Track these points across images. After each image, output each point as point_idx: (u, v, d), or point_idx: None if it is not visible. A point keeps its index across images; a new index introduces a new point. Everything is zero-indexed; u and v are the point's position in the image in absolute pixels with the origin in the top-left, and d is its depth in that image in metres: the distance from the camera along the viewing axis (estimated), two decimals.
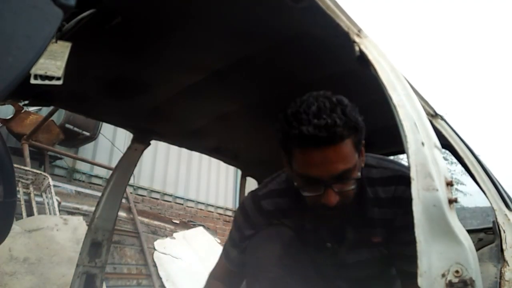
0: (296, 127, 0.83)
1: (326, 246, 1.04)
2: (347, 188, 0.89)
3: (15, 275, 2.83)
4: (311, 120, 0.82)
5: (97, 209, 1.80)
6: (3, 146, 1.18)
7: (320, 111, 0.83)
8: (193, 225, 6.44)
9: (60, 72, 0.67)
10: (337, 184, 0.87)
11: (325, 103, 0.84)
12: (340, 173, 0.86)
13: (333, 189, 0.87)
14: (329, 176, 0.86)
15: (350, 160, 0.86)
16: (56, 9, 0.46)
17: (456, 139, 1.37)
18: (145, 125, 1.81)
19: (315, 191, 0.89)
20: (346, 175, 0.87)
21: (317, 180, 0.87)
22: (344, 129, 0.83)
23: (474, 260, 0.69)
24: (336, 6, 0.92)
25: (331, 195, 0.87)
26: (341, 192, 0.88)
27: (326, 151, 0.83)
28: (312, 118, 0.82)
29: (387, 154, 1.92)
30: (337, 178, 0.86)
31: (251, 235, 1.08)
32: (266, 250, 1.01)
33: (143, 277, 4.71)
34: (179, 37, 1.18)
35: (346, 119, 0.83)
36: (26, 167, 4.05)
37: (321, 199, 0.88)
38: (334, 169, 0.85)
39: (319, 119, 0.81)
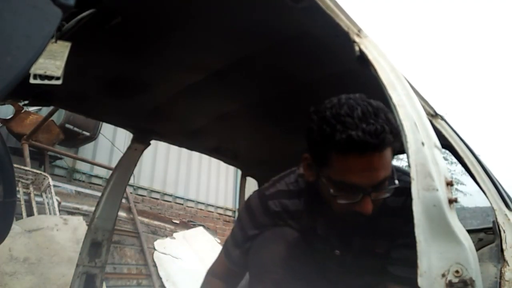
0: (342, 131, 0.78)
1: (335, 253, 1.01)
2: (383, 196, 0.86)
3: (15, 275, 2.83)
4: (359, 125, 0.77)
5: (97, 209, 1.80)
6: (3, 146, 1.18)
7: (366, 116, 0.78)
8: (193, 225, 6.44)
9: (60, 72, 0.67)
10: (375, 192, 0.84)
11: (367, 107, 0.80)
12: (381, 181, 0.83)
13: (371, 197, 0.83)
14: (371, 184, 0.82)
15: (389, 167, 0.84)
16: (55, 9, 0.46)
17: (456, 139, 1.37)
18: (145, 125, 1.81)
19: (351, 198, 0.84)
20: (385, 183, 0.84)
21: (356, 188, 0.83)
22: (390, 135, 0.79)
23: (474, 260, 0.69)
24: (336, 6, 0.91)
25: (368, 204, 0.83)
26: (375, 200, 0.85)
27: (372, 158, 0.79)
28: (359, 123, 0.77)
29: None
30: (376, 186, 0.83)
31: (254, 236, 1.05)
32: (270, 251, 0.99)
33: (143, 277, 4.71)
34: (179, 37, 1.18)
35: (391, 125, 0.80)
36: (26, 167, 4.06)
37: (356, 207, 0.84)
38: (377, 177, 0.82)
39: (367, 124, 0.77)
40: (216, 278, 1.19)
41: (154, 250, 5.04)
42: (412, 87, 0.91)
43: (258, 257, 1.02)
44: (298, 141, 2.11)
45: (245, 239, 1.08)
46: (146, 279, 4.70)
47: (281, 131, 1.84)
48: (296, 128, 1.84)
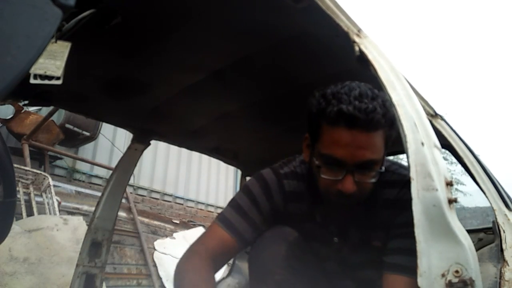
0: (334, 105, 0.82)
1: (333, 241, 1.01)
2: (367, 179, 0.87)
3: (15, 275, 2.83)
4: (352, 101, 0.81)
5: (97, 209, 1.80)
6: (3, 146, 1.18)
7: (362, 96, 0.82)
8: (193, 225, 6.44)
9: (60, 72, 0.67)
10: (358, 172, 0.85)
11: (367, 91, 0.84)
12: (365, 160, 0.84)
13: (353, 176, 0.84)
14: (354, 161, 0.83)
15: (378, 152, 0.85)
16: (55, 9, 0.46)
17: (456, 139, 1.37)
18: (145, 125, 1.81)
19: (334, 174, 0.86)
20: (370, 165, 0.85)
21: (340, 163, 0.84)
22: (382, 118, 0.82)
23: (474, 260, 0.69)
24: (336, 6, 0.91)
25: (350, 182, 0.84)
26: (360, 183, 0.86)
27: (359, 135, 0.82)
28: (353, 100, 0.82)
29: (387, 154, 1.92)
30: (360, 166, 0.84)
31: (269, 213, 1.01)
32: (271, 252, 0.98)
33: (143, 277, 4.71)
34: (179, 37, 1.18)
35: (385, 110, 0.83)
36: (26, 167, 4.06)
37: (338, 185, 0.85)
38: (361, 155, 0.83)
39: (360, 102, 0.81)
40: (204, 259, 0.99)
41: (154, 250, 5.05)
42: (412, 87, 0.91)
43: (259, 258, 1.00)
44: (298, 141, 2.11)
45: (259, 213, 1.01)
46: (146, 279, 4.70)
47: (281, 131, 1.84)
48: (296, 128, 1.84)
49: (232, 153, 2.11)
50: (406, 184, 0.90)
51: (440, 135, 1.27)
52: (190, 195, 6.96)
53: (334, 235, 1.02)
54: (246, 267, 2.22)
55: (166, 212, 6.28)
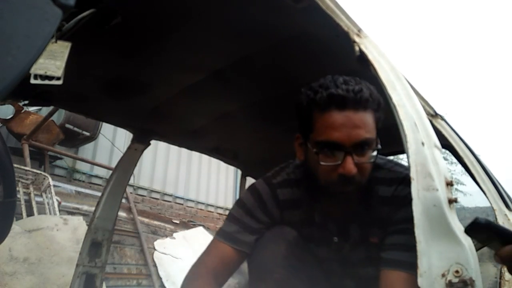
0: (323, 92, 0.86)
1: (333, 241, 1.02)
2: (365, 160, 0.87)
3: (15, 275, 2.83)
4: (339, 85, 0.85)
5: (97, 209, 1.80)
6: (3, 146, 1.18)
7: (347, 81, 0.86)
8: (193, 225, 6.44)
9: (60, 72, 0.67)
10: (356, 152, 0.85)
11: (351, 79, 0.88)
12: (362, 140, 0.84)
13: (352, 158, 0.84)
14: (351, 141, 0.84)
15: (371, 131, 0.86)
16: (55, 9, 0.46)
17: (456, 139, 1.37)
18: (145, 125, 1.81)
19: (334, 159, 0.86)
20: (367, 145, 0.86)
21: (338, 146, 0.84)
22: (369, 97, 0.85)
23: (474, 260, 0.69)
24: (336, 6, 0.91)
25: (350, 163, 0.84)
26: (359, 165, 0.86)
27: (351, 115, 0.84)
28: (340, 84, 0.85)
29: (387, 154, 1.92)
30: (358, 146, 0.85)
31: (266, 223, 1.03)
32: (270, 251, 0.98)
33: (143, 277, 4.71)
34: (179, 37, 1.18)
35: (371, 91, 0.87)
36: (26, 167, 4.06)
37: (339, 169, 0.85)
38: (357, 135, 0.84)
39: (346, 85, 0.85)
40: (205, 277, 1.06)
41: (154, 250, 5.04)
42: (412, 87, 0.91)
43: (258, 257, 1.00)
44: None
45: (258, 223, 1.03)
46: (146, 279, 4.70)
47: (281, 131, 1.84)
48: (296, 128, 1.84)
49: (232, 153, 2.11)
50: (403, 181, 0.95)
51: (440, 135, 1.27)
52: (190, 195, 6.96)
53: (333, 235, 1.02)
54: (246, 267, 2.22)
55: (166, 212, 6.28)
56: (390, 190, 0.98)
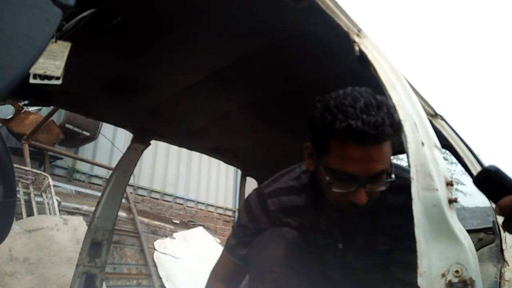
0: (342, 120, 0.79)
1: (338, 247, 1.02)
2: (378, 188, 0.87)
3: (15, 275, 2.83)
4: (359, 115, 0.78)
5: (97, 209, 1.80)
6: (3, 146, 1.18)
7: (368, 107, 0.79)
8: (193, 225, 6.44)
9: (59, 72, 0.67)
10: (370, 183, 0.84)
11: (371, 100, 0.81)
12: (377, 172, 0.83)
13: (365, 188, 0.84)
14: (366, 174, 0.83)
15: (387, 161, 0.85)
16: (55, 9, 0.46)
17: (456, 139, 1.37)
18: (145, 125, 1.81)
19: (346, 188, 0.85)
20: (381, 176, 0.85)
21: (352, 177, 0.83)
22: (390, 129, 0.80)
23: (474, 260, 0.69)
24: (336, 6, 0.91)
25: (363, 195, 0.84)
26: (371, 193, 0.86)
27: (370, 149, 0.80)
28: (360, 113, 0.78)
29: None
30: (372, 178, 0.84)
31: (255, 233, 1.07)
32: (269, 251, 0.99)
33: (143, 277, 4.71)
34: (179, 37, 1.18)
35: (392, 119, 0.81)
36: (26, 167, 4.06)
37: (350, 197, 0.85)
38: (373, 168, 0.82)
39: (368, 116, 0.78)
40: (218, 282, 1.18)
41: (154, 250, 5.04)
42: (412, 87, 0.91)
43: (257, 256, 1.02)
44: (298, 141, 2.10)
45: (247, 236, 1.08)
46: (146, 279, 4.70)
47: (281, 131, 1.84)
48: (296, 128, 1.84)
49: (232, 153, 2.11)
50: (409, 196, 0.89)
51: (440, 135, 1.28)
52: (190, 195, 6.96)
53: (338, 241, 1.02)
54: None
55: (166, 212, 6.28)
56: (401, 199, 0.95)
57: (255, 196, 1.10)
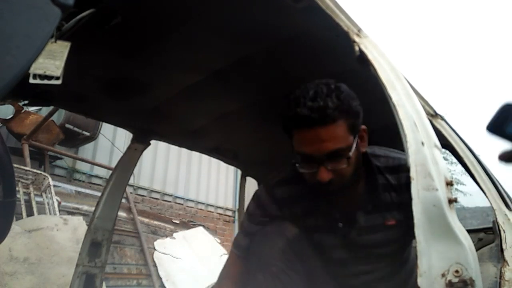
0: (293, 109, 0.92)
1: (338, 227, 1.09)
2: (340, 166, 0.94)
3: (15, 275, 2.83)
4: (307, 103, 0.90)
5: (97, 209, 1.80)
6: (3, 146, 1.18)
7: (316, 95, 0.90)
8: (193, 225, 6.44)
9: (59, 72, 0.67)
10: (329, 162, 0.93)
11: (322, 89, 0.92)
12: (330, 151, 0.92)
13: (325, 167, 0.93)
14: (321, 154, 0.92)
15: (341, 141, 0.93)
16: (54, 9, 0.46)
17: (456, 139, 1.37)
18: (145, 125, 1.81)
19: (310, 168, 0.96)
20: (338, 154, 0.93)
21: (311, 158, 0.94)
22: (335, 111, 0.90)
23: (474, 260, 0.69)
24: (335, 6, 0.91)
25: (323, 172, 0.93)
26: (335, 170, 0.94)
27: (318, 131, 0.91)
28: (307, 101, 0.90)
29: None
30: (328, 156, 0.93)
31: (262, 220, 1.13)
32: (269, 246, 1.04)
33: (143, 277, 4.71)
34: (179, 37, 1.18)
35: (339, 103, 0.91)
36: (26, 167, 4.06)
37: (316, 176, 0.94)
38: (325, 147, 0.92)
39: (313, 102, 0.90)
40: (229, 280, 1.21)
41: (154, 250, 5.05)
42: (412, 86, 0.91)
43: (257, 251, 1.06)
44: None
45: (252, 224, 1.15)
46: (146, 279, 4.70)
47: (281, 131, 1.84)
48: None
49: (232, 153, 2.11)
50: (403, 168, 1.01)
51: (440, 135, 1.27)
52: (190, 195, 6.96)
53: (338, 221, 1.09)
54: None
55: (166, 212, 6.28)
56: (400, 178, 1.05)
57: (263, 187, 1.20)
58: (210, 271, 4.80)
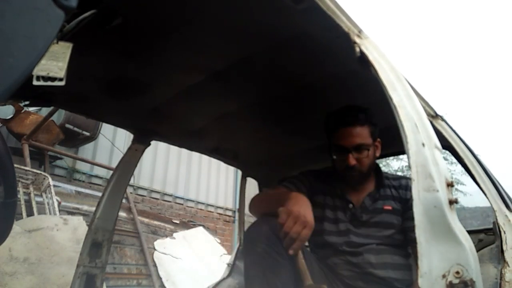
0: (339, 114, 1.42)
1: (349, 207, 1.46)
2: (362, 156, 1.38)
3: (15, 275, 2.83)
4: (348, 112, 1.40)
5: (97, 209, 1.80)
6: (3, 146, 1.18)
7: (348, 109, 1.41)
8: (193, 225, 6.45)
9: (62, 73, 0.67)
10: (355, 152, 1.37)
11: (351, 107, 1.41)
12: (357, 144, 1.36)
13: (352, 154, 1.36)
14: (351, 145, 1.36)
15: (365, 139, 1.37)
16: (57, 10, 0.46)
17: (457, 140, 1.37)
18: (145, 126, 1.81)
19: (342, 156, 1.38)
20: (362, 147, 1.37)
21: (344, 148, 1.38)
22: (362, 117, 1.37)
23: (474, 261, 0.69)
24: (336, 7, 0.91)
25: (351, 158, 1.36)
26: (358, 159, 1.37)
27: (352, 129, 1.37)
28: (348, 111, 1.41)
29: (387, 154, 1.92)
30: (355, 148, 1.36)
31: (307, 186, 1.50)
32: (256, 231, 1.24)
33: (143, 277, 4.72)
34: (179, 37, 1.18)
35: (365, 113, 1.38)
36: (26, 167, 4.06)
37: (346, 161, 1.37)
38: (353, 141, 1.36)
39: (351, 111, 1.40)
40: None
41: (154, 250, 5.05)
42: (412, 87, 0.92)
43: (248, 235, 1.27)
44: (298, 142, 2.10)
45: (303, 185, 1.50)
46: (146, 279, 4.71)
47: (281, 131, 1.84)
48: (296, 128, 1.84)
49: (232, 154, 2.11)
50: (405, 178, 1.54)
51: (440, 136, 1.28)
52: (190, 195, 6.96)
53: (349, 203, 1.46)
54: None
55: (166, 212, 6.28)
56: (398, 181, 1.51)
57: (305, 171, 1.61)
58: (210, 271, 4.80)
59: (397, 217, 1.42)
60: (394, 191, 1.48)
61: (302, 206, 1.13)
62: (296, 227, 1.08)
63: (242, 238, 2.26)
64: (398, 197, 1.46)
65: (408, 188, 1.43)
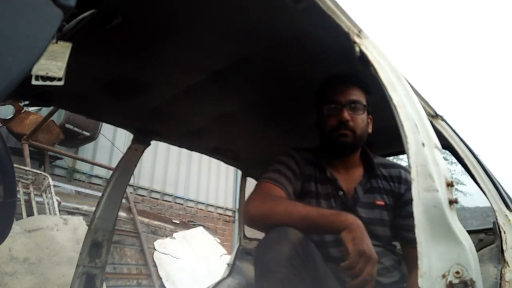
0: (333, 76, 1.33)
1: (339, 194, 1.32)
2: (356, 114, 1.28)
3: (15, 275, 2.83)
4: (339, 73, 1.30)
5: (97, 209, 1.80)
6: (3, 146, 1.18)
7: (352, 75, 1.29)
8: (193, 225, 6.45)
9: (61, 73, 0.67)
10: (350, 108, 1.27)
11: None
12: (353, 100, 1.28)
13: (347, 109, 1.27)
14: (347, 99, 1.28)
15: (360, 98, 1.30)
16: (56, 10, 0.46)
17: (457, 140, 1.37)
18: (145, 126, 1.81)
19: (335, 111, 1.28)
20: (357, 104, 1.28)
21: (339, 103, 1.28)
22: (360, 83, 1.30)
23: (474, 261, 0.69)
24: (336, 7, 0.91)
25: (345, 112, 1.26)
26: (352, 117, 1.27)
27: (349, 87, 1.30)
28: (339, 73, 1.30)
29: (387, 154, 1.92)
30: (351, 103, 1.28)
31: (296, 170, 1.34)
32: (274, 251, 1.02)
33: (143, 277, 4.72)
34: (179, 37, 1.18)
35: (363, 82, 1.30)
36: (26, 167, 4.06)
37: (339, 117, 1.26)
38: (349, 97, 1.28)
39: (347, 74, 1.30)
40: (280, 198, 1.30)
41: (154, 250, 5.05)
42: (412, 87, 0.91)
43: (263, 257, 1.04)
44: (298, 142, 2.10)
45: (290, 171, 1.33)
46: (146, 279, 4.71)
47: (281, 131, 1.84)
48: (296, 128, 1.84)
49: (232, 154, 2.11)
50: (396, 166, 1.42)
51: (440, 136, 1.28)
52: (190, 195, 6.96)
53: (339, 190, 1.32)
54: (246, 267, 2.22)
55: (166, 212, 6.29)
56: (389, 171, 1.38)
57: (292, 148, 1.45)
58: (210, 271, 4.80)
59: (389, 213, 1.31)
60: (385, 183, 1.35)
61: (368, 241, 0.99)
62: (368, 268, 0.94)
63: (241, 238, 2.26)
64: (390, 190, 1.34)
65: (401, 180, 1.35)
